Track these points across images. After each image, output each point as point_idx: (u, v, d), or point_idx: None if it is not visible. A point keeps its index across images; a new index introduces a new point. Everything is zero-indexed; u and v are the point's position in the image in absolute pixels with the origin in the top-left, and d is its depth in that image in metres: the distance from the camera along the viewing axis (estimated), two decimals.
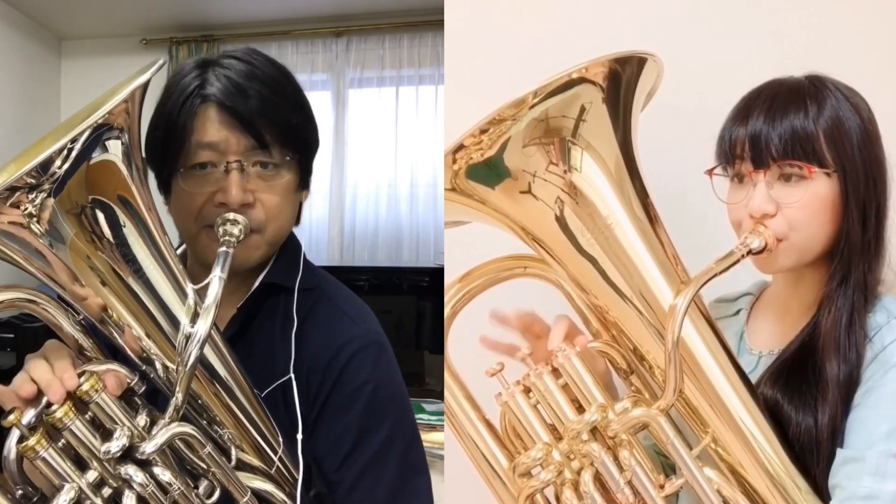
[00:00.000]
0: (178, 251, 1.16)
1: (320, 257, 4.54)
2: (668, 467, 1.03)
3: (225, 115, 1.04)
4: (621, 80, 1.03)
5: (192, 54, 4.66)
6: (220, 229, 1.00)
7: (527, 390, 1.04)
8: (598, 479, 0.99)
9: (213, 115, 1.05)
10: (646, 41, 1.11)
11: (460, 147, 1.00)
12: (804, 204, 1.01)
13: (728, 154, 1.06)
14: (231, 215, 1.01)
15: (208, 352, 0.96)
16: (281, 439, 1.02)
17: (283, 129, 1.08)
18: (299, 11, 4.49)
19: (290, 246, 1.16)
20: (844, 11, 1.37)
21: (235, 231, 1.00)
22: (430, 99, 4.51)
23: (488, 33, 1.54)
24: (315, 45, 4.68)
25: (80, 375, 0.88)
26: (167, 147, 1.06)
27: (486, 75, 1.48)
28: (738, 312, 1.20)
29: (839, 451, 0.97)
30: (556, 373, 1.03)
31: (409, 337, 3.88)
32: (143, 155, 1.08)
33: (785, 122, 1.00)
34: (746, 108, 1.05)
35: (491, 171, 1.02)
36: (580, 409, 1.01)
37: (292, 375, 1.06)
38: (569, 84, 0.99)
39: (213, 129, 1.05)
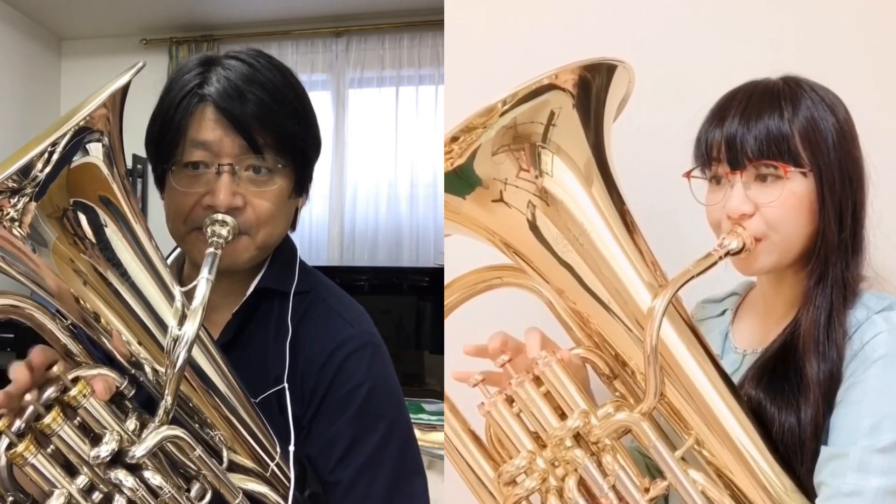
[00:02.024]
0: (175, 254, 1.16)
1: (320, 258, 4.54)
2: (655, 469, 1.03)
3: (220, 116, 1.04)
4: (591, 87, 1.03)
5: (192, 54, 4.66)
6: (209, 230, 1.00)
7: (509, 399, 1.04)
8: (583, 485, 0.99)
9: (209, 115, 1.04)
10: (638, 41, 1.11)
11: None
12: (781, 203, 1.01)
13: (705, 156, 1.06)
14: (219, 216, 1.01)
15: (198, 355, 0.95)
16: (277, 444, 1.02)
17: (278, 135, 1.07)
18: (299, 11, 4.48)
19: (284, 250, 1.16)
20: (826, 12, 1.37)
21: (224, 232, 1.00)
22: (430, 99, 4.50)
23: (488, 33, 1.54)
24: (315, 45, 4.67)
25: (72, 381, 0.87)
26: (162, 143, 1.06)
27: (486, 75, 1.48)
28: (723, 313, 1.21)
29: (823, 449, 0.97)
30: (537, 381, 1.03)
31: (409, 337, 3.88)
32: (141, 152, 1.08)
33: (760, 124, 1.01)
34: (722, 111, 1.05)
35: (461, 181, 1.01)
36: (563, 416, 1.01)
37: (286, 385, 1.06)
38: (538, 91, 0.99)
39: (207, 128, 1.04)
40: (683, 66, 1.40)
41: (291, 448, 1.02)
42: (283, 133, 1.07)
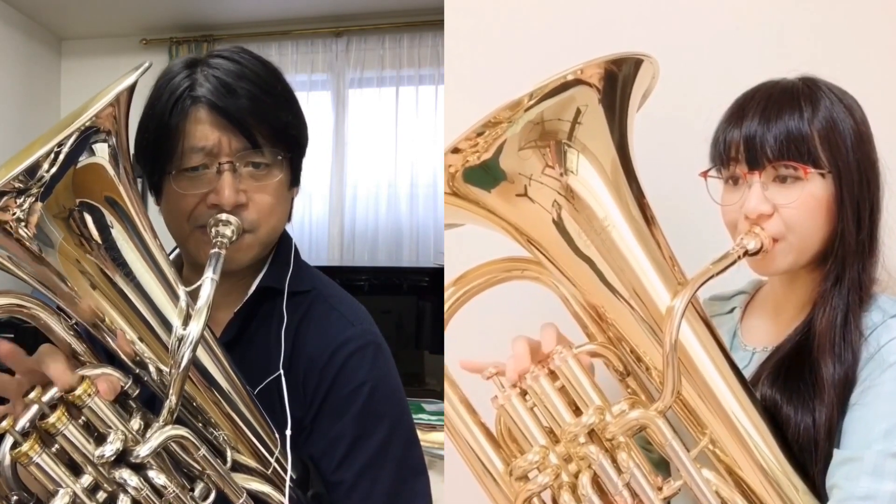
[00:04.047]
0: (172, 255, 1.16)
1: (320, 257, 4.54)
2: (657, 465, 1.03)
3: (216, 115, 1.04)
4: (617, 82, 1.02)
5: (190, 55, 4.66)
6: (213, 230, 1.00)
7: (523, 393, 1.03)
8: (596, 482, 0.99)
9: (204, 116, 1.04)
10: (645, 42, 1.11)
11: (456, 150, 0.99)
12: (799, 205, 1.01)
13: (723, 156, 1.06)
14: (223, 216, 1.01)
15: (202, 354, 0.95)
16: (278, 440, 1.02)
17: (273, 128, 1.07)
18: (299, 11, 4.48)
19: (284, 247, 1.16)
20: (842, 13, 1.37)
21: (228, 232, 1.00)
22: (430, 99, 4.51)
23: (488, 33, 1.54)
24: (315, 45, 4.67)
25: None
26: (158, 150, 1.05)
27: (486, 75, 1.48)
28: (732, 310, 1.21)
29: (836, 452, 0.97)
30: (552, 375, 1.03)
31: (409, 337, 3.88)
32: (133, 157, 1.08)
33: (780, 124, 1.01)
34: (740, 110, 1.05)
35: (487, 174, 1.01)
36: (577, 412, 1.01)
37: (282, 372, 1.06)
38: (564, 86, 0.98)
39: (204, 131, 1.04)
40: (678, 66, 1.40)
41: (288, 433, 1.01)
42: (278, 125, 1.08)
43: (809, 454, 0.99)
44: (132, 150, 1.06)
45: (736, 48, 1.39)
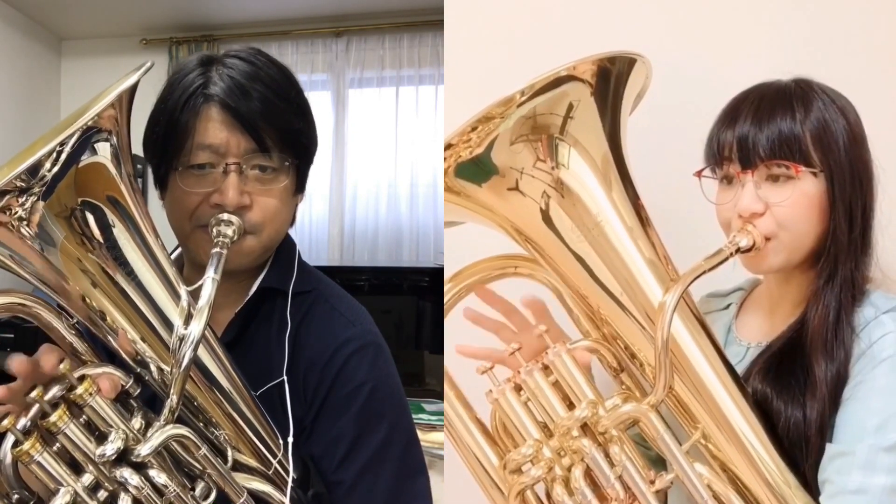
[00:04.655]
0: (174, 255, 1.16)
1: (320, 258, 4.54)
2: (652, 461, 1.04)
3: (227, 115, 1.04)
4: (610, 79, 1.03)
5: (192, 54, 4.65)
6: (214, 230, 1.00)
7: (517, 387, 1.04)
8: (589, 475, 0.99)
9: (215, 114, 1.04)
10: (644, 43, 1.11)
11: (449, 146, 1.00)
12: (792, 203, 1.02)
13: (716, 156, 1.07)
14: (225, 216, 1.01)
15: (203, 354, 0.96)
16: (280, 442, 1.02)
17: (283, 132, 1.07)
18: (299, 11, 4.48)
19: (285, 249, 1.16)
20: (838, 15, 1.37)
21: (229, 232, 1.00)
22: (430, 99, 4.50)
23: (488, 33, 1.54)
24: (315, 45, 4.67)
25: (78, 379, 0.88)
26: (167, 145, 1.05)
27: (486, 75, 1.48)
28: (728, 307, 1.21)
29: (829, 446, 0.97)
30: (546, 370, 1.04)
31: (409, 337, 3.88)
32: (142, 152, 1.08)
33: (772, 125, 1.02)
34: (734, 112, 1.06)
35: (479, 169, 1.02)
36: (571, 407, 1.02)
37: (285, 378, 1.06)
38: (557, 82, 1.00)
39: (214, 129, 1.04)
40: (673, 67, 1.40)
41: (290, 440, 1.02)
42: (288, 130, 1.08)
43: (800, 449, 0.99)
44: (140, 144, 1.07)
45: (733, 49, 1.40)
